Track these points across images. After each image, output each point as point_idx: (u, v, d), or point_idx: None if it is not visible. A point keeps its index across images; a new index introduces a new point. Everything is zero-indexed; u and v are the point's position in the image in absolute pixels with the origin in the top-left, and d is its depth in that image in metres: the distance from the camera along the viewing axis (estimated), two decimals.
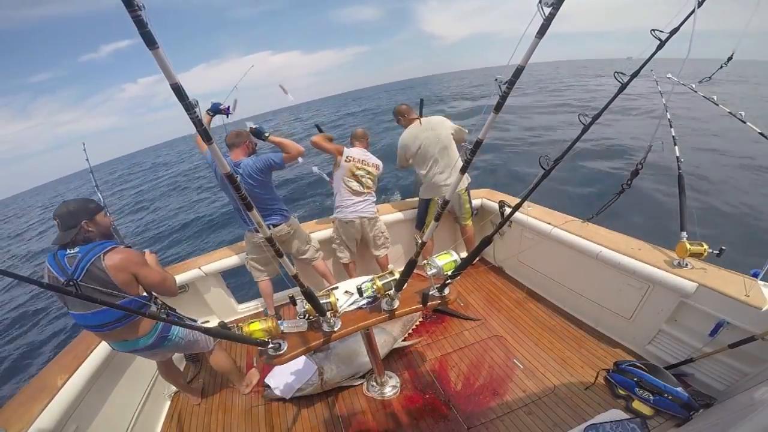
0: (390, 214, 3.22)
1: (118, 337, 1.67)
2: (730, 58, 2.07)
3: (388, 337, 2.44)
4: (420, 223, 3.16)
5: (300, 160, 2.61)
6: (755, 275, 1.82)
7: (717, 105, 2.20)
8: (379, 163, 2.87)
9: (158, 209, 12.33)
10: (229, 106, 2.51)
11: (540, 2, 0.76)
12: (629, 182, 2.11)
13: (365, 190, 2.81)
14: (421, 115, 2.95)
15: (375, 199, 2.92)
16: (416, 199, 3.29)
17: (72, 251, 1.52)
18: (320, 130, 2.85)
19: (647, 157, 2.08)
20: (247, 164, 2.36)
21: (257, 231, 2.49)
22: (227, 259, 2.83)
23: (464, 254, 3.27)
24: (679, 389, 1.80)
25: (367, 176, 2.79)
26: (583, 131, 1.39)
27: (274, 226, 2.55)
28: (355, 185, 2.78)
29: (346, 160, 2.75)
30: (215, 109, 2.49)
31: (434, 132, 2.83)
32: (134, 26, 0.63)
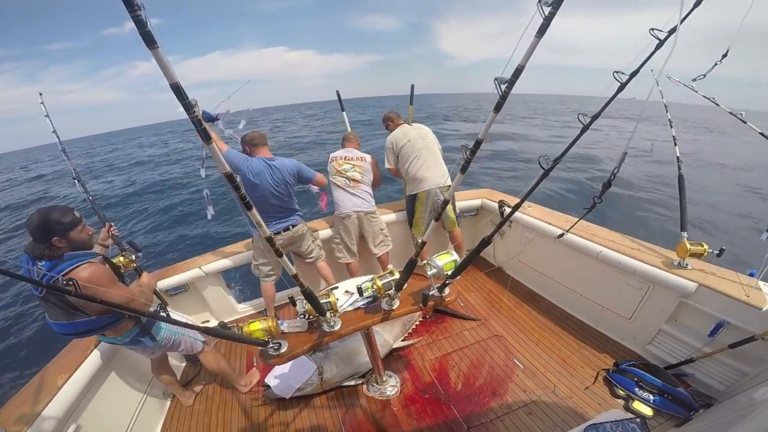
0: (388, 215, 3.22)
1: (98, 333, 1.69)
2: (724, 56, 2.07)
3: (387, 337, 2.44)
4: (410, 222, 3.15)
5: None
6: (751, 275, 1.82)
7: (717, 105, 2.20)
8: (367, 156, 2.92)
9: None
10: (218, 115, 2.35)
11: (539, 2, 0.76)
12: (600, 197, 1.97)
13: (351, 184, 2.83)
14: (411, 102, 3.29)
15: (372, 194, 2.94)
16: None
17: (40, 263, 1.44)
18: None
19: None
20: (285, 165, 2.41)
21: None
22: (227, 259, 2.83)
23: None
24: (679, 389, 1.81)
25: (353, 169, 2.83)
26: (583, 131, 1.40)
27: (293, 226, 2.59)
28: (340, 180, 2.83)
29: (330, 161, 2.88)
30: (208, 118, 2.33)
31: (422, 131, 2.99)
32: (135, 25, 0.63)
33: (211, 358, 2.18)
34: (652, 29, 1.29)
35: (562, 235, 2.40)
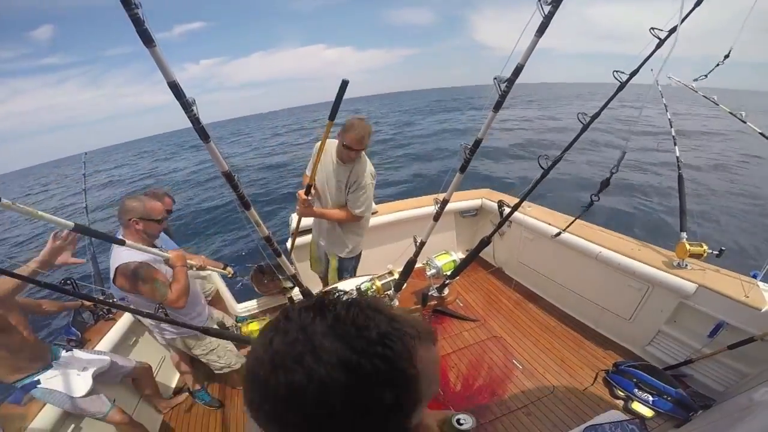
0: (389, 214, 3.21)
1: None
2: (726, 56, 2.08)
3: None
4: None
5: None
6: (754, 276, 1.82)
7: (717, 105, 2.20)
8: None
9: None
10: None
11: (539, 1, 0.76)
12: (598, 195, 1.93)
13: None
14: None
15: None
16: (415, 198, 3.30)
17: None
18: None
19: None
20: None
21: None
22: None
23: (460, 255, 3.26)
24: (678, 390, 1.80)
25: None
26: (583, 130, 1.39)
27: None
28: None
29: None
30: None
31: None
32: (133, 24, 0.62)
33: None
34: (653, 29, 1.29)
35: (559, 233, 2.40)
